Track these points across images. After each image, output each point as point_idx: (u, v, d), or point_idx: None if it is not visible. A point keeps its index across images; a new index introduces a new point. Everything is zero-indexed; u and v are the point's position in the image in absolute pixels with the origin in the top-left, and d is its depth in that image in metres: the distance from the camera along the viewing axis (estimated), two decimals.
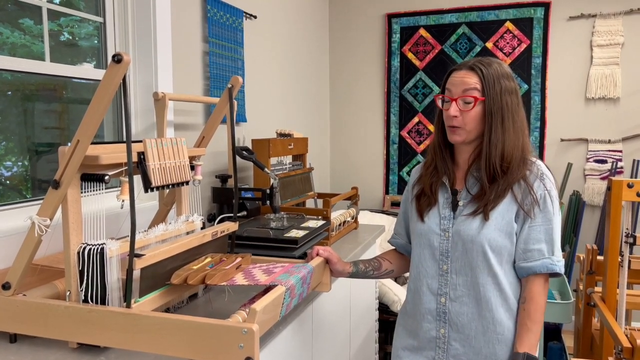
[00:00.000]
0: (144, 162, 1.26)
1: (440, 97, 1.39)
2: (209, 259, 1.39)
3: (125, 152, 1.23)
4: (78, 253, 1.17)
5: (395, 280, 3.12)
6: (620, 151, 3.46)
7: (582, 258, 2.14)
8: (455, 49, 3.74)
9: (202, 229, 1.50)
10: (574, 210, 3.47)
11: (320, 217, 2.12)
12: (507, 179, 1.33)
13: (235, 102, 2.43)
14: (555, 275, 1.35)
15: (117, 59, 1.04)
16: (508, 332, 1.35)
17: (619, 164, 3.45)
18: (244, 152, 1.91)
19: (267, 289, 1.27)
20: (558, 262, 1.32)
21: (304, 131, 3.61)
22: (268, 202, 1.87)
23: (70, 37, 1.86)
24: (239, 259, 1.39)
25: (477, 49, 3.68)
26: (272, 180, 1.85)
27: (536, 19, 3.55)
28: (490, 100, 1.32)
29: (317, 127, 3.89)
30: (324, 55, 3.99)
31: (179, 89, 2.19)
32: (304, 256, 1.79)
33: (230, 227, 1.53)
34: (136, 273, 1.17)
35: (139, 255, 1.16)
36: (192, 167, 1.50)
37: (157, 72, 2.03)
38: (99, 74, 1.92)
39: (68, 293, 1.18)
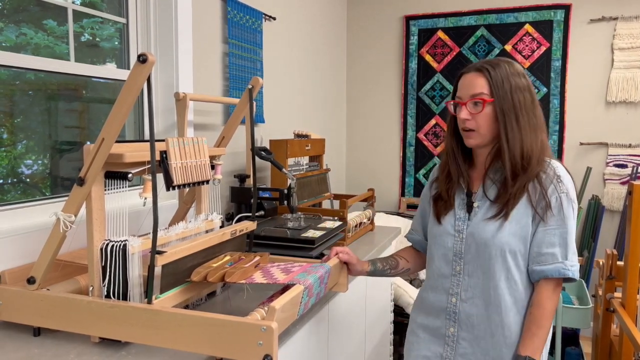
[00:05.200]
0: (166, 160, 1.28)
1: (452, 102, 1.40)
2: (228, 257, 1.41)
3: (148, 151, 1.25)
4: (101, 249, 1.19)
5: (411, 283, 3.12)
6: None
7: (601, 263, 2.12)
8: (474, 51, 3.72)
9: (220, 227, 1.52)
10: (593, 215, 3.43)
11: (336, 218, 2.13)
12: (524, 177, 1.32)
13: (254, 103, 2.45)
14: (569, 280, 1.34)
15: (142, 58, 1.06)
16: (515, 335, 1.35)
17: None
18: (262, 152, 1.93)
19: (285, 287, 1.28)
20: (572, 266, 1.30)
21: (321, 132, 3.63)
22: (285, 202, 1.89)
23: (91, 38, 1.89)
24: (257, 258, 1.40)
25: (496, 51, 3.66)
26: (289, 181, 1.87)
27: (556, 21, 3.52)
28: (499, 100, 1.32)
29: (334, 128, 3.90)
30: (341, 56, 4.00)
31: (199, 89, 2.22)
32: (320, 256, 1.80)
33: (249, 226, 1.55)
34: (157, 270, 1.19)
35: (160, 252, 1.17)
36: (212, 167, 1.52)
37: (178, 73, 2.06)
38: (122, 73, 1.95)
39: (91, 288, 1.20)
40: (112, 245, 1.19)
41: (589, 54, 3.49)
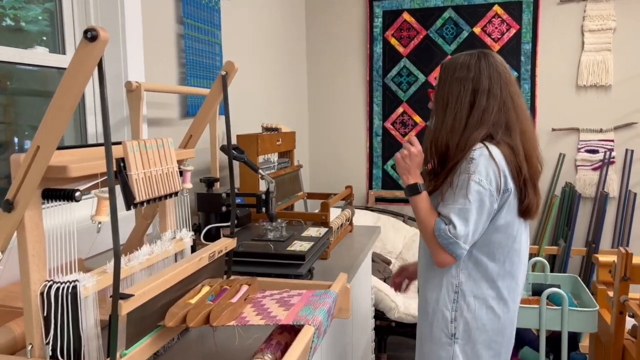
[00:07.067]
0: (124, 171, 0.98)
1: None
2: (207, 288, 1.12)
3: (99, 160, 0.95)
4: (42, 294, 0.89)
5: (384, 281, 2.91)
6: (612, 140, 3.34)
7: (600, 260, 1.98)
8: (441, 34, 3.53)
9: (192, 246, 1.24)
10: (568, 202, 3.34)
11: (315, 222, 1.88)
12: (447, 162, 1.40)
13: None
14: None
15: (91, 34, 0.76)
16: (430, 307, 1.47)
17: (612, 153, 3.33)
18: (233, 151, 1.64)
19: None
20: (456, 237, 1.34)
21: (282, 123, 3.33)
22: (264, 209, 1.61)
23: (14, 23, 1.54)
24: (245, 288, 1.13)
25: (464, 34, 3.48)
26: (268, 184, 1.59)
27: (526, 2, 3.37)
28: (436, 90, 1.44)
29: (295, 119, 3.62)
30: (300, 41, 3.71)
31: (152, 78, 1.89)
32: (309, 273, 1.54)
33: (228, 244, 1.27)
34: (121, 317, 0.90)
35: (125, 297, 0.88)
36: (180, 173, 1.23)
37: (127, 59, 1.73)
38: (55, 59, 1.61)
39: (30, 347, 0.89)
40: (57, 288, 0.89)
41: (559, 37, 3.38)
